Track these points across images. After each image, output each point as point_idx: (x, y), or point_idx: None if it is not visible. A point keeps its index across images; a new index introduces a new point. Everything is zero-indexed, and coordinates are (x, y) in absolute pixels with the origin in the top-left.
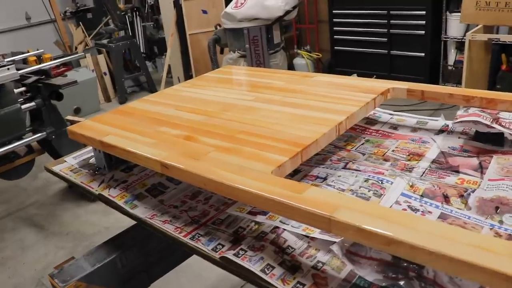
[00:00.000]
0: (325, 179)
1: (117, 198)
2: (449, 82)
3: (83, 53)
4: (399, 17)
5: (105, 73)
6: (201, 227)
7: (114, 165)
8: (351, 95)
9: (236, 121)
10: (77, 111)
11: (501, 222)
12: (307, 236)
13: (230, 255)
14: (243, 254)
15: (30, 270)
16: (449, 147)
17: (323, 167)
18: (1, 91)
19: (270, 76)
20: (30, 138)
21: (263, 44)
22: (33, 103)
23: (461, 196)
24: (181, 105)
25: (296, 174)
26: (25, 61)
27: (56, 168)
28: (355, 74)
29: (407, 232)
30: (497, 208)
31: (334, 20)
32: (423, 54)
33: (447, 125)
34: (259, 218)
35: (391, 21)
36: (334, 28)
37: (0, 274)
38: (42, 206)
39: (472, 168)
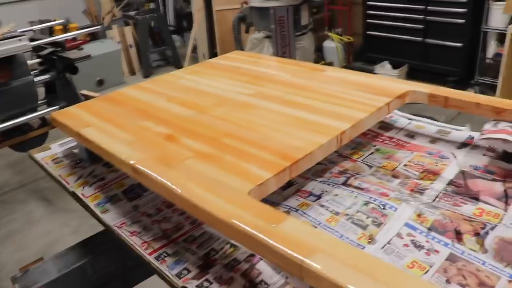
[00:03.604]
0: (319, 197)
1: (90, 199)
2: (485, 76)
3: (99, 26)
4: (438, 3)
5: (131, 46)
6: (171, 244)
7: (96, 158)
8: (362, 96)
9: (226, 120)
10: (100, 83)
11: None
12: None
13: (192, 286)
14: (207, 287)
15: (34, 246)
16: (471, 165)
17: (320, 181)
18: (13, 62)
19: (277, 67)
20: (43, 112)
21: (289, 25)
22: (47, 76)
23: (477, 234)
24: (174, 96)
25: (289, 187)
26: (51, 30)
27: (38, 156)
28: (387, 62)
29: None
30: None
31: (368, 3)
32: (460, 44)
33: (472, 138)
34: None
35: (428, 7)
36: (368, 11)
37: (5, 247)
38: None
39: (495, 196)
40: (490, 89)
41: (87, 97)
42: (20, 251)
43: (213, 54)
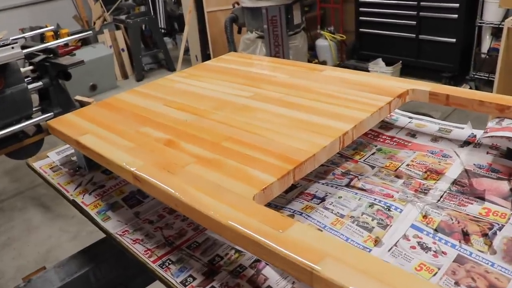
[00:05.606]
0: (323, 199)
1: (90, 207)
2: (481, 71)
3: (90, 32)
4: None
5: (122, 50)
6: (174, 251)
7: (95, 165)
8: (362, 96)
9: (226, 123)
10: (93, 88)
11: None
12: None
13: None
14: None
15: (33, 253)
16: (474, 164)
17: (324, 183)
18: (7, 70)
19: (274, 67)
20: (38, 118)
21: (282, 24)
22: (40, 83)
23: (485, 235)
24: (171, 100)
25: (292, 190)
26: (42, 37)
27: (36, 165)
28: (380, 59)
29: None
30: None
31: (360, 0)
32: (454, 39)
33: (475, 136)
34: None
35: (421, 3)
36: (360, 8)
37: (5, 255)
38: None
39: (501, 195)
40: (485, 84)
41: (82, 103)
42: (19, 258)
43: (206, 55)
